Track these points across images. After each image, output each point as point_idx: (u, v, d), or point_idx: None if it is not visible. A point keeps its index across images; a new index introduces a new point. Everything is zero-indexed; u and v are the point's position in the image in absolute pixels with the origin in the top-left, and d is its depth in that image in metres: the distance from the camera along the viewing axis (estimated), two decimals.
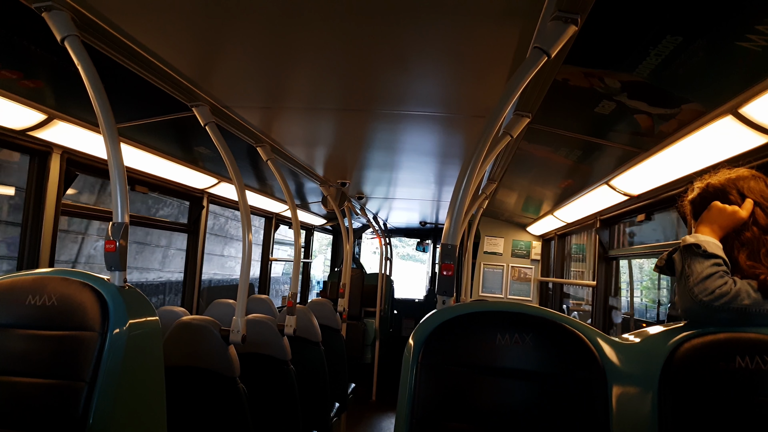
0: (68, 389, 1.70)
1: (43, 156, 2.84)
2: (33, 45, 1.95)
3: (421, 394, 1.55)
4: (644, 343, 1.58)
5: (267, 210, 6.05)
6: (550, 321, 1.59)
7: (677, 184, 2.78)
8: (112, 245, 1.86)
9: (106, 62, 2.03)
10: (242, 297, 2.85)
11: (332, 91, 2.46)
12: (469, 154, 1.71)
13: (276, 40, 1.90)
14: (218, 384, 2.85)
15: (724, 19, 1.46)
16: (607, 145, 2.71)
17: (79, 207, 3.32)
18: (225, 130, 2.94)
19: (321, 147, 3.73)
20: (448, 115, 2.66)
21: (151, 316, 1.93)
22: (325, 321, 5.32)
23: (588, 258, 5.17)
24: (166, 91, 2.35)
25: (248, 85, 2.42)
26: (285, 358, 3.61)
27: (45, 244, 2.84)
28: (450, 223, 1.71)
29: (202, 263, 4.63)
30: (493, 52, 1.88)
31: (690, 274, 1.51)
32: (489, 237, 6.84)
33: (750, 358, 1.44)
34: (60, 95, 2.44)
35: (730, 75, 1.75)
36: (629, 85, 1.96)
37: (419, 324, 1.66)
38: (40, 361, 1.74)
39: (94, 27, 1.80)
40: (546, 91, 2.16)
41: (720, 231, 1.59)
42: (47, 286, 1.83)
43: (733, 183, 1.64)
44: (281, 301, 6.94)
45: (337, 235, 9.23)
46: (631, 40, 1.66)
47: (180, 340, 2.90)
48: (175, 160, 3.69)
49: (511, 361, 1.55)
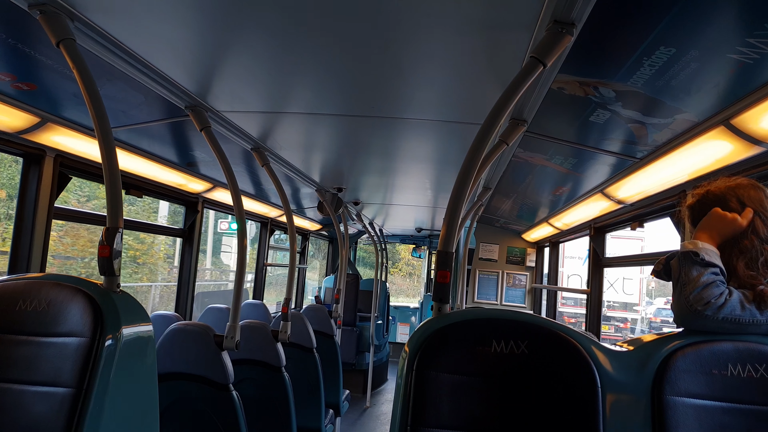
0: (59, 396, 1.68)
1: (37, 159, 2.83)
2: (27, 48, 1.94)
3: (417, 400, 1.55)
4: (638, 350, 1.59)
5: (262, 214, 6.04)
6: (545, 329, 1.59)
7: (671, 192, 2.80)
8: (105, 250, 1.85)
9: (101, 65, 2.03)
10: (236, 302, 2.84)
11: (330, 97, 2.46)
12: (465, 160, 1.71)
13: (274, 45, 1.90)
14: (211, 390, 2.84)
15: (716, 32, 1.48)
16: (602, 154, 2.73)
17: (72, 211, 3.30)
18: (221, 135, 2.94)
19: (317, 153, 3.72)
20: (444, 122, 2.67)
21: (144, 322, 1.92)
22: (320, 327, 5.32)
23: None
24: (161, 95, 2.35)
25: (245, 90, 2.42)
26: (279, 364, 3.60)
27: (37, 248, 2.83)
28: (446, 229, 1.72)
29: (196, 268, 4.61)
30: (490, 60, 1.90)
31: (686, 282, 1.52)
32: (484, 244, 6.85)
33: (742, 367, 1.45)
34: (54, 98, 2.44)
35: (722, 86, 1.77)
36: (624, 94, 1.97)
37: (415, 331, 1.66)
38: (31, 367, 1.72)
39: (90, 30, 1.79)
40: (541, 99, 2.17)
41: (718, 238, 1.60)
42: (39, 291, 1.81)
43: (733, 191, 1.65)
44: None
45: (333, 241, 9.23)
46: (625, 50, 1.68)
47: (173, 345, 2.89)
48: (171, 165, 3.68)
49: (506, 369, 1.55)
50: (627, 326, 17.70)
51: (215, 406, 2.86)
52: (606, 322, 17.14)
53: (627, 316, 17.94)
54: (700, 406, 1.45)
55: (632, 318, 17.94)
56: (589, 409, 1.50)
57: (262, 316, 4.86)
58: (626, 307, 17.87)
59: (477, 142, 1.71)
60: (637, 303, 17.92)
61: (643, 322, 18.16)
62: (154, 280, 13.15)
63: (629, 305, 17.86)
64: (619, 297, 17.48)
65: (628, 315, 17.93)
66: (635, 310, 18.00)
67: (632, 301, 17.81)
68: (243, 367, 3.57)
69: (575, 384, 1.53)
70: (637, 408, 1.50)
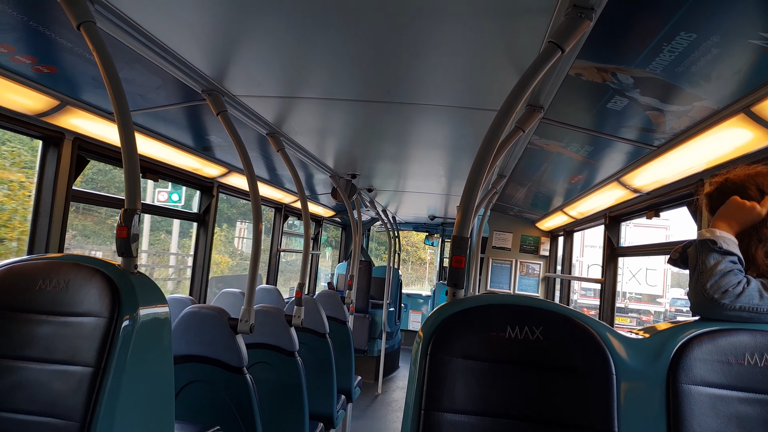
0: (78, 374, 1.71)
1: (56, 141, 2.86)
2: (49, 30, 1.95)
3: (430, 385, 1.56)
4: (653, 338, 1.59)
5: (276, 200, 6.07)
6: (560, 315, 1.59)
7: (688, 181, 2.78)
8: (123, 231, 1.87)
9: (120, 48, 2.04)
10: (251, 287, 2.87)
11: (345, 82, 2.46)
12: (481, 147, 1.71)
13: (291, 30, 1.90)
14: (226, 373, 2.88)
15: (737, 17, 1.46)
16: (619, 141, 2.71)
17: (91, 194, 3.34)
18: (237, 120, 2.95)
19: (332, 138, 3.73)
20: (460, 108, 2.66)
21: (161, 304, 1.94)
22: (333, 313, 5.35)
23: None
24: (179, 79, 2.36)
25: (262, 75, 2.43)
26: (292, 349, 3.63)
27: (55, 229, 2.87)
28: (461, 215, 1.72)
29: (211, 252, 4.65)
30: (508, 45, 1.88)
31: (703, 270, 1.51)
32: (498, 232, 6.83)
33: (759, 356, 1.45)
34: (73, 81, 2.46)
35: (743, 73, 1.74)
36: (642, 81, 1.96)
37: (429, 315, 1.67)
38: (50, 345, 1.75)
39: (110, 12, 1.81)
40: (559, 85, 2.16)
41: (737, 226, 1.58)
42: (58, 271, 1.84)
43: (752, 179, 1.63)
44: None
45: (346, 227, 9.25)
46: (645, 36, 1.66)
47: (188, 328, 2.92)
48: (187, 149, 3.70)
49: (520, 354, 1.55)
50: (650, 319, 16.91)
51: (229, 388, 2.89)
52: (626, 314, 16.50)
53: (650, 308, 17.19)
54: (716, 395, 1.45)
55: (655, 311, 17.16)
56: (603, 396, 1.50)
57: (276, 301, 4.89)
58: (650, 299, 17.21)
59: (493, 128, 1.70)
60: (661, 295, 17.25)
61: (667, 315, 17.37)
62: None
63: (653, 297, 17.20)
64: (642, 288, 16.82)
65: (651, 307, 17.19)
66: (658, 302, 17.30)
67: (656, 292, 17.11)
68: (257, 351, 3.60)
69: (590, 371, 1.53)
70: (652, 396, 1.50)
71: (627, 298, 17.05)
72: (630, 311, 16.81)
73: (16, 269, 1.88)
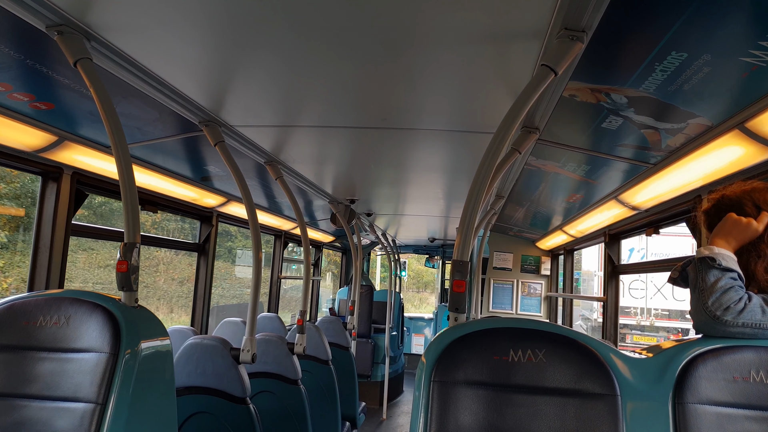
0: (80, 411, 1.69)
1: (54, 177, 2.86)
2: (46, 68, 1.97)
3: (435, 412, 1.55)
4: (657, 357, 1.58)
5: (276, 227, 6.07)
6: (563, 336, 1.58)
7: (686, 197, 2.78)
8: (123, 266, 1.87)
9: (117, 83, 2.06)
10: (252, 316, 2.86)
11: (341, 110, 2.48)
12: (478, 169, 1.72)
13: (286, 60, 1.92)
14: (229, 404, 2.85)
15: (728, 36, 1.47)
16: (615, 160, 2.72)
17: (90, 228, 3.34)
18: (234, 149, 2.96)
19: (330, 165, 3.74)
20: (456, 131, 2.68)
21: (162, 336, 1.93)
22: (335, 339, 5.32)
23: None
24: (176, 111, 2.37)
25: (259, 105, 2.44)
26: (295, 377, 3.60)
27: (55, 264, 2.86)
28: (460, 239, 1.72)
29: (212, 282, 4.63)
30: (501, 69, 1.90)
31: (704, 287, 1.51)
32: (498, 252, 6.83)
33: (765, 372, 1.44)
34: (71, 116, 2.47)
35: (735, 90, 1.76)
36: (636, 100, 1.97)
37: (431, 341, 1.66)
38: (52, 382, 1.74)
39: (107, 49, 1.83)
40: (553, 107, 2.17)
41: (735, 243, 1.58)
42: (59, 307, 1.83)
43: (748, 195, 1.63)
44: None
45: (346, 252, 9.24)
46: (636, 56, 1.67)
47: (190, 360, 2.91)
48: (185, 180, 3.71)
49: (524, 378, 1.54)
50: (679, 336, 14.44)
51: (233, 419, 2.87)
52: (654, 333, 14.97)
53: (679, 325, 15.16)
54: (722, 414, 1.44)
55: (684, 328, 15.07)
56: (609, 417, 1.49)
57: (278, 329, 4.87)
58: (679, 315, 14.95)
59: (489, 151, 1.71)
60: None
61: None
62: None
63: (682, 313, 14.94)
64: (669, 303, 15.72)
65: (680, 324, 15.13)
66: (688, 318, 15.51)
67: (685, 307, 15.37)
68: (259, 380, 3.58)
69: (594, 392, 1.52)
70: (658, 416, 1.48)
71: (653, 315, 15.71)
72: (657, 329, 15.51)
73: (16, 306, 1.88)
